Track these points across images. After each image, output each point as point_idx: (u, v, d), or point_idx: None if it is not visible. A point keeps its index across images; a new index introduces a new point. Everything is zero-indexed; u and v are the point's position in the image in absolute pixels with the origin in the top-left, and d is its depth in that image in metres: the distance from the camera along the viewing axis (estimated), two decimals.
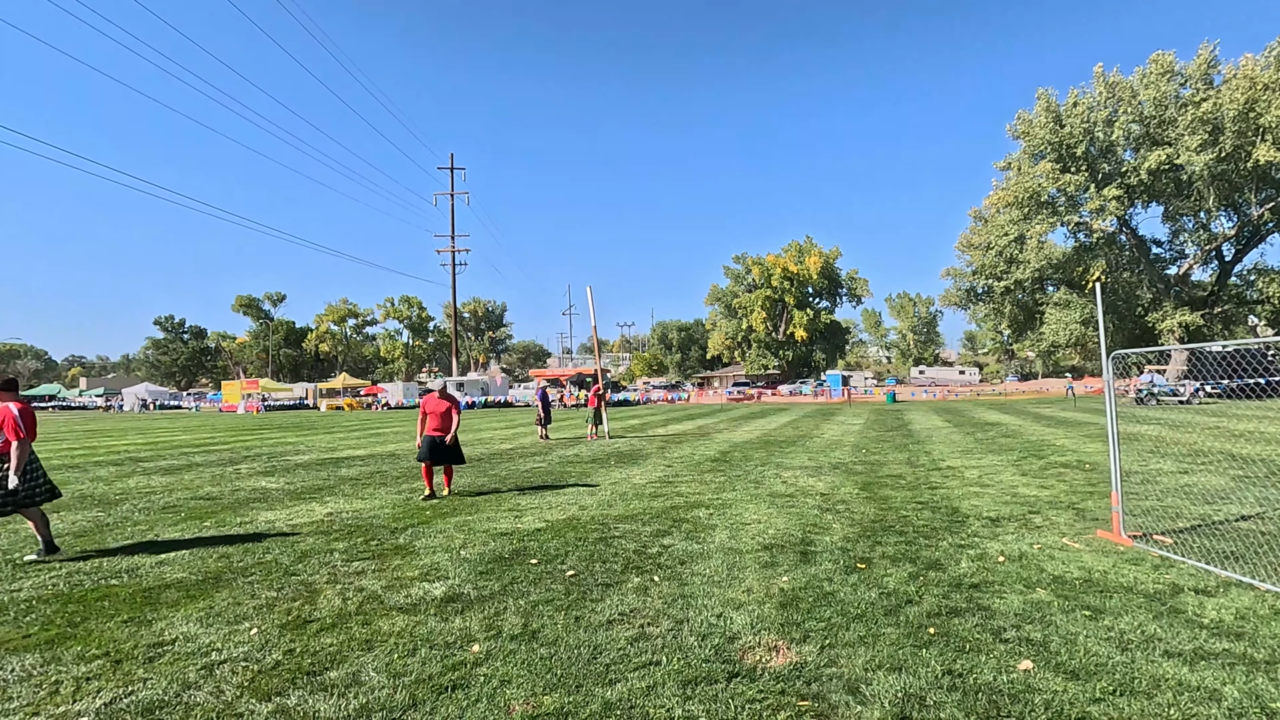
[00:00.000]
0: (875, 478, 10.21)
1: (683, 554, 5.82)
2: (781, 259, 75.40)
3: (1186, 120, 34.48)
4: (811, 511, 7.64)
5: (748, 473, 11.03)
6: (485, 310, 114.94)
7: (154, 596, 4.86)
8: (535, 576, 5.21)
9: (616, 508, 8.10)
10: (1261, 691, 3.14)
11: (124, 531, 7.15)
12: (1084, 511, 7.43)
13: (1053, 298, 44.65)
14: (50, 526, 6.44)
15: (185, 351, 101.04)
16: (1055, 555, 5.59)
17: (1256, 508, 7.34)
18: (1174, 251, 43.51)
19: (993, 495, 8.53)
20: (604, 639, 3.92)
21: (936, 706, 3.07)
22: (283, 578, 5.28)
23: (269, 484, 10.62)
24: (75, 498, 9.48)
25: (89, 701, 3.23)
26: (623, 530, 6.82)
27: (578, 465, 12.50)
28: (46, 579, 5.36)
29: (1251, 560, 5.25)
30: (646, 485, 9.85)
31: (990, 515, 7.27)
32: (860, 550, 5.84)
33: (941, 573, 5.13)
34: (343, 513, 8.05)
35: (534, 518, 7.56)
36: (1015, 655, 3.60)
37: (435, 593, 4.83)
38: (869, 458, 12.86)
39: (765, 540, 6.26)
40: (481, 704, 3.15)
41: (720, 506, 8.04)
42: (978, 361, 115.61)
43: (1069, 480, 9.63)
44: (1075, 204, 39.75)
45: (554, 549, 6.08)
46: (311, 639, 3.98)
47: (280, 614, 4.43)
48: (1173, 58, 35.82)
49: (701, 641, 3.86)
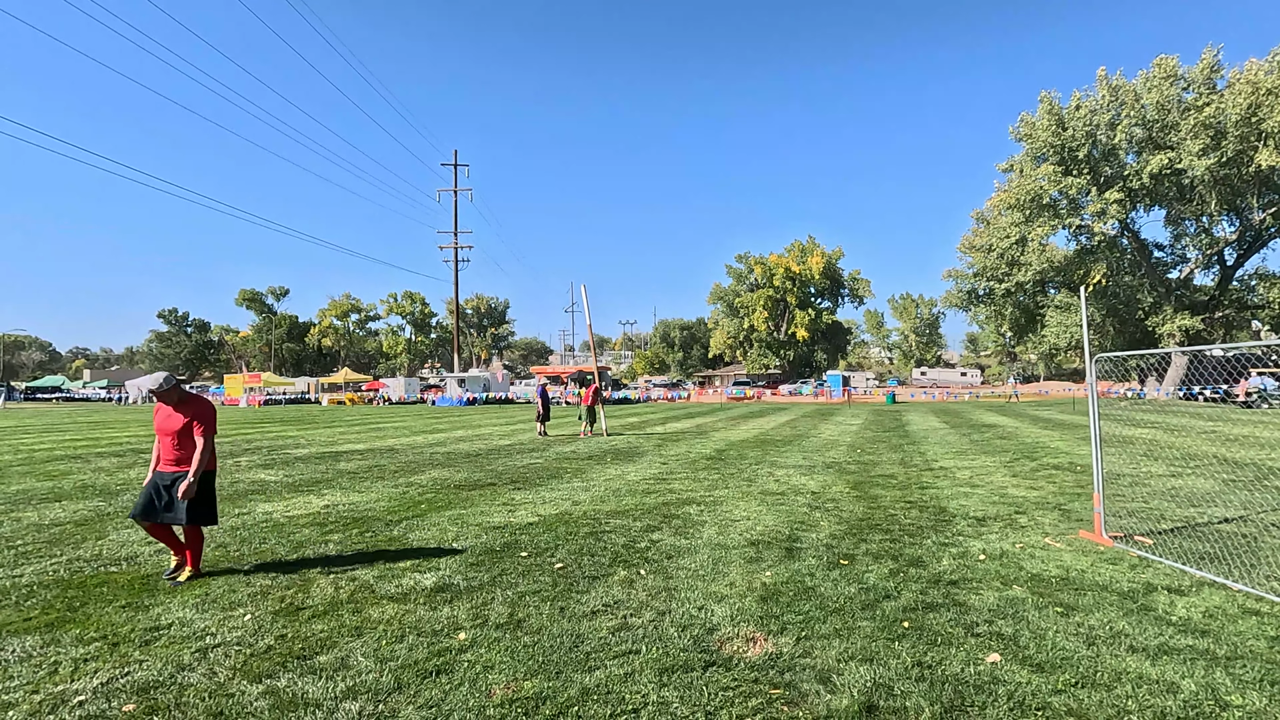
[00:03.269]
0: (867, 477, 10.31)
1: (670, 549, 5.93)
2: (784, 259, 75.44)
3: (1189, 124, 34.47)
4: (801, 509, 7.75)
5: (741, 471, 11.14)
6: (488, 306, 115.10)
7: (151, 583, 4.99)
8: (524, 569, 5.32)
9: (609, 503, 8.22)
10: (1218, 685, 3.25)
11: (123, 520, 7.28)
12: (1070, 512, 7.53)
13: (1054, 300, 44.68)
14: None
15: (188, 344, 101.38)
16: (1036, 554, 5.69)
17: (1240, 510, 7.43)
18: (1175, 255, 43.53)
19: (981, 496, 8.63)
20: (587, 628, 4.03)
21: (903, 695, 3.18)
22: (277, 567, 5.40)
23: (268, 476, 10.75)
24: (77, 488, 9.62)
25: (86, 681, 3.35)
26: (613, 525, 6.94)
27: (574, 461, 12.62)
28: (47, 565, 5.49)
29: (1227, 561, 5.35)
30: (640, 482, 9.96)
31: (976, 515, 7.37)
32: (845, 547, 5.95)
33: (922, 569, 5.23)
34: (339, 505, 8.18)
35: (527, 512, 7.68)
36: (985, 648, 3.70)
37: (426, 583, 4.95)
38: (863, 458, 12.96)
39: (752, 537, 6.37)
40: (464, 688, 3.27)
41: (711, 504, 8.15)
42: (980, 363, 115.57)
43: (1058, 482, 9.73)
44: (1077, 207, 39.76)
45: (545, 542, 6.20)
46: (303, 625, 4.10)
47: (274, 601, 4.55)
48: (1176, 62, 35.81)
49: (681, 632, 3.97)
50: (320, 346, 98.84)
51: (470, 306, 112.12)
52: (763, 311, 74.49)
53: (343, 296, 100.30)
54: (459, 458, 13.45)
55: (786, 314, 76.38)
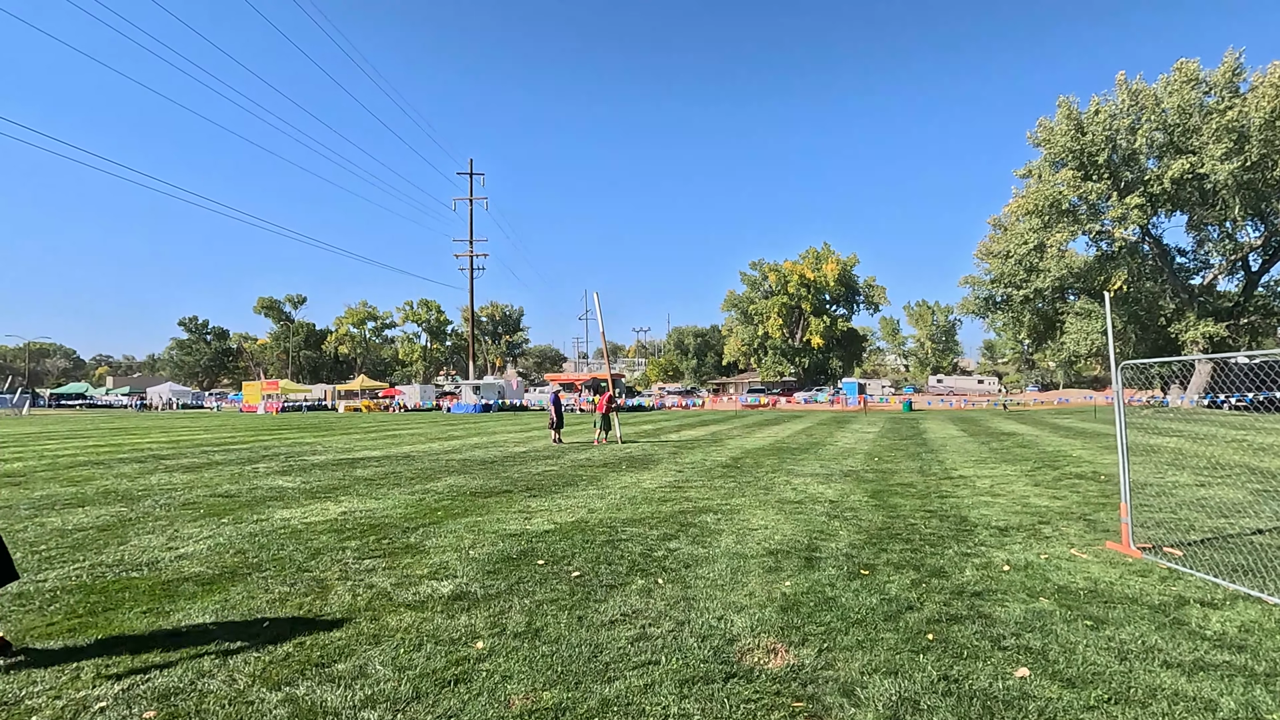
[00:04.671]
0: (886, 486, 10.18)
1: (688, 558, 5.87)
2: (799, 266, 75.16)
3: (1211, 128, 33.94)
4: (819, 518, 7.66)
5: (758, 479, 11.05)
6: (502, 314, 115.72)
7: (172, 589, 5.02)
8: (541, 577, 5.29)
9: (625, 511, 8.18)
10: (1259, 703, 3.14)
11: (145, 526, 7.35)
12: (1095, 523, 7.38)
13: (1073, 307, 44.07)
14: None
15: (208, 352, 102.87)
16: (1062, 565, 5.58)
17: (1273, 521, 7.24)
18: (1198, 261, 42.77)
19: (1003, 505, 8.48)
20: (605, 638, 3.99)
21: (930, 711, 3.10)
22: (295, 574, 5.42)
23: (285, 483, 10.83)
24: (99, 493, 9.74)
25: (108, 687, 3.37)
26: (630, 534, 6.89)
27: (589, 469, 12.59)
28: (71, 570, 5.55)
29: (1261, 574, 5.20)
30: (656, 490, 9.91)
31: (999, 525, 7.24)
32: (865, 557, 5.86)
33: (945, 580, 5.14)
34: (356, 512, 8.21)
35: (543, 519, 7.66)
36: (1013, 662, 3.61)
37: (443, 590, 4.93)
38: (881, 466, 12.81)
39: (771, 546, 6.30)
40: (483, 698, 3.24)
41: (728, 512, 8.08)
42: (997, 371, 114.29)
43: (1082, 491, 9.55)
44: (1097, 212, 39.24)
45: (561, 550, 6.17)
46: (321, 632, 4.10)
47: (292, 608, 4.56)
48: (1197, 65, 35.31)
49: (701, 642, 3.92)
50: (337, 354, 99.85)
51: (485, 314, 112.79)
52: (777, 318, 74.20)
53: (359, 304, 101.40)
54: (474, 464, 13.48)
55: (801, 321, 76.04)
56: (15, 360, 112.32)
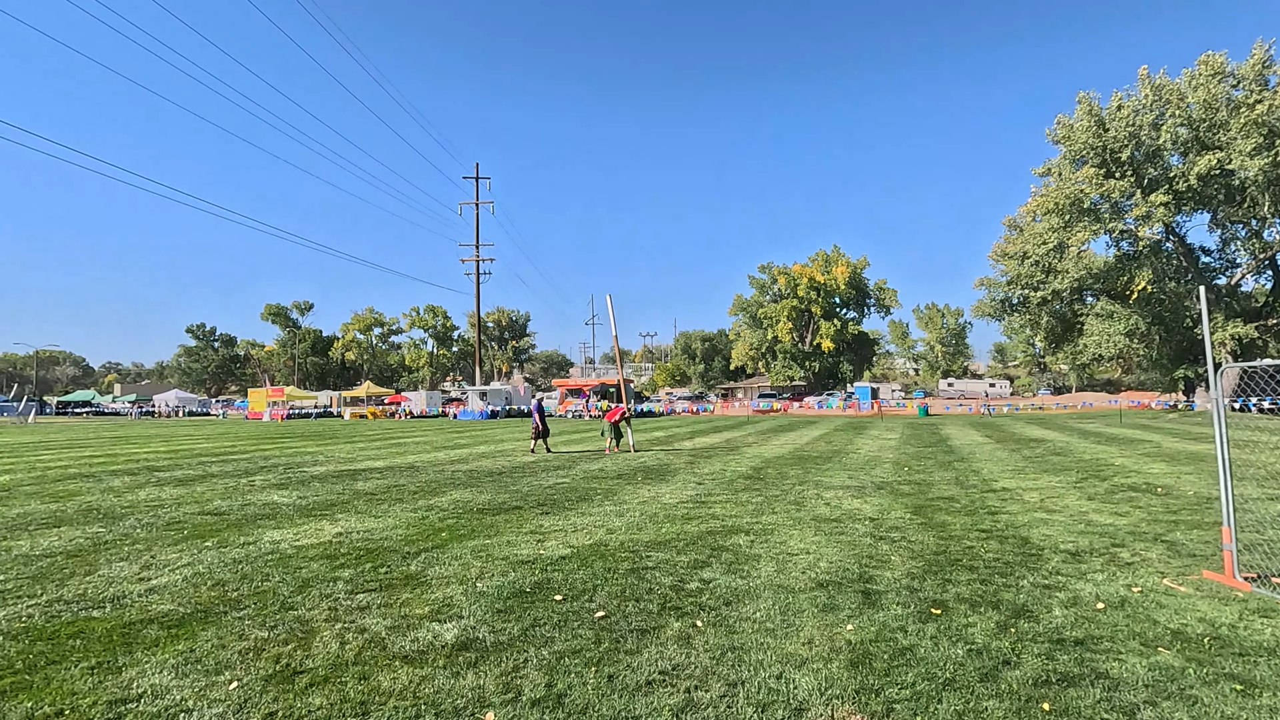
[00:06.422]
0: (926, 500, 9.40)
1: (726, 591, 5.12)
2: (808, 269, 74.25)
3: (1239, 123, 32.92)
4: (864, 540, 6.89)
5: (785, 492, 10.28)
6: (509, 319, 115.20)
7: (132, 634, 4.31)
8: (560, 618, 4.55)
9: (647, 531, 7.43)
10: None
11: (120, 550, 6.66)
12: (1175, 545, 6.58)
13: (1093, 308, 42.99)
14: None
15: (215, 359, 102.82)
16: (1163, 602, 4.79)
17: None
18: (1224, 260, 41.66)
19: (1063, 523, 7.69)
20: (643, 709, 3.24)
21: None
22: (278, 613, 4.70)
23: (280, 498, 10.14)
24: (80, 511, 9.07)
25: None
26: (656, 559, 6.15)
27: (603, 481, 11.85)
28: (23, 609, 4.85)
29: None
30: (678, 505, 9.16)
31: (1068, 548, 6.46)
32: (930, 590, 5.09)
33: (1034, 623, 4.37)
34: (353, 533, 7.49)
35: (558, 542, 6.92)
36: None
37: (446, 636, 4.21)
38: (913, 476, 12.01)
39: (818, 575, 5.54)
40: None
41: (761, 532, 7.32)
42: (1008, 374, 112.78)
43: (1145, 506, 8.74)
44: (1119, 211, 38.26)
45: (580, 581, 5.43)
46: (297, 697, 3.38)
47: (268, 662, 3.84)
48: (1224, 58, 34.31)
49: (761, 713, 3.18)
50: (343, 360, 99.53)
51: (492, 319, 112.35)
52: (787, 322, 73.29)
53: (366, 310, 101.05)
54: (482, 476, 12.76)
55: (811, 325, 75.10)
56: (25, 368, 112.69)
